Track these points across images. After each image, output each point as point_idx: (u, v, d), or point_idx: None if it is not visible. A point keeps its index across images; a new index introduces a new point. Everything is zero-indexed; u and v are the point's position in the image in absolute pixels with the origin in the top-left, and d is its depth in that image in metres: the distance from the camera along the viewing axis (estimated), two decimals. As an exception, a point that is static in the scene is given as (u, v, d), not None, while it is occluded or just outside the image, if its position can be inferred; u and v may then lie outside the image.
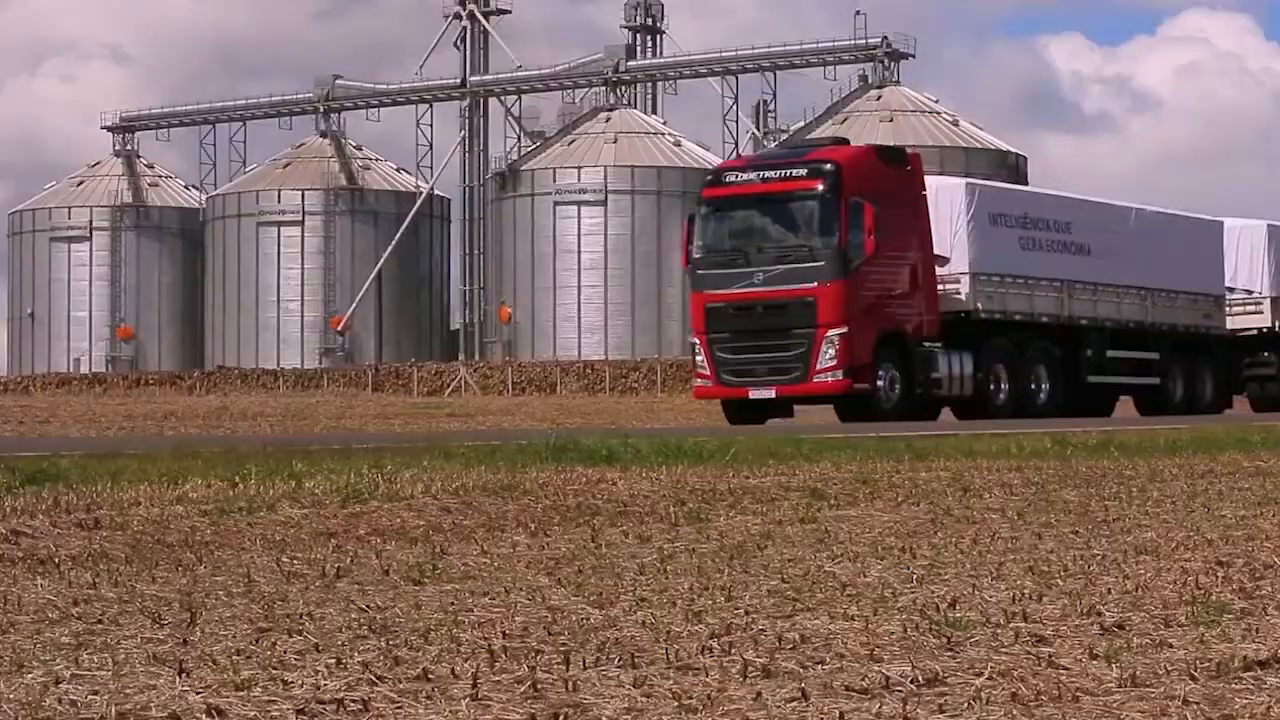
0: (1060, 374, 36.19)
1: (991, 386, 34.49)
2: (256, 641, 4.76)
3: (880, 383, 32.30)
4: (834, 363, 31.63)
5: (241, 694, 3.96)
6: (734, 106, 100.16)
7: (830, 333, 31.55)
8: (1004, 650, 4.55)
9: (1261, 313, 43.49)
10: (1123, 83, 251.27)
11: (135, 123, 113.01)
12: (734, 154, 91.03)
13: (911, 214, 32.83)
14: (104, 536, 7.83)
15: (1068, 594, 5.65)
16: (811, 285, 31.60)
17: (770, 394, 31.98)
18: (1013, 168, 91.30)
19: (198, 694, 3.93)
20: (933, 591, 5.76)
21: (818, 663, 4.35)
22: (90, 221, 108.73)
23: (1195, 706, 3.79)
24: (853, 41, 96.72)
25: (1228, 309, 42.03)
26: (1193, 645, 4.58)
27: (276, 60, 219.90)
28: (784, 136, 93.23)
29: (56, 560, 6.98)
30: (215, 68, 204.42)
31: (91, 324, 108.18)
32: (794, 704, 3.84)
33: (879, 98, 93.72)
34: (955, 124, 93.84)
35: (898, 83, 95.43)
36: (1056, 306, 36.42)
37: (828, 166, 31.74)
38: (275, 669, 4.29)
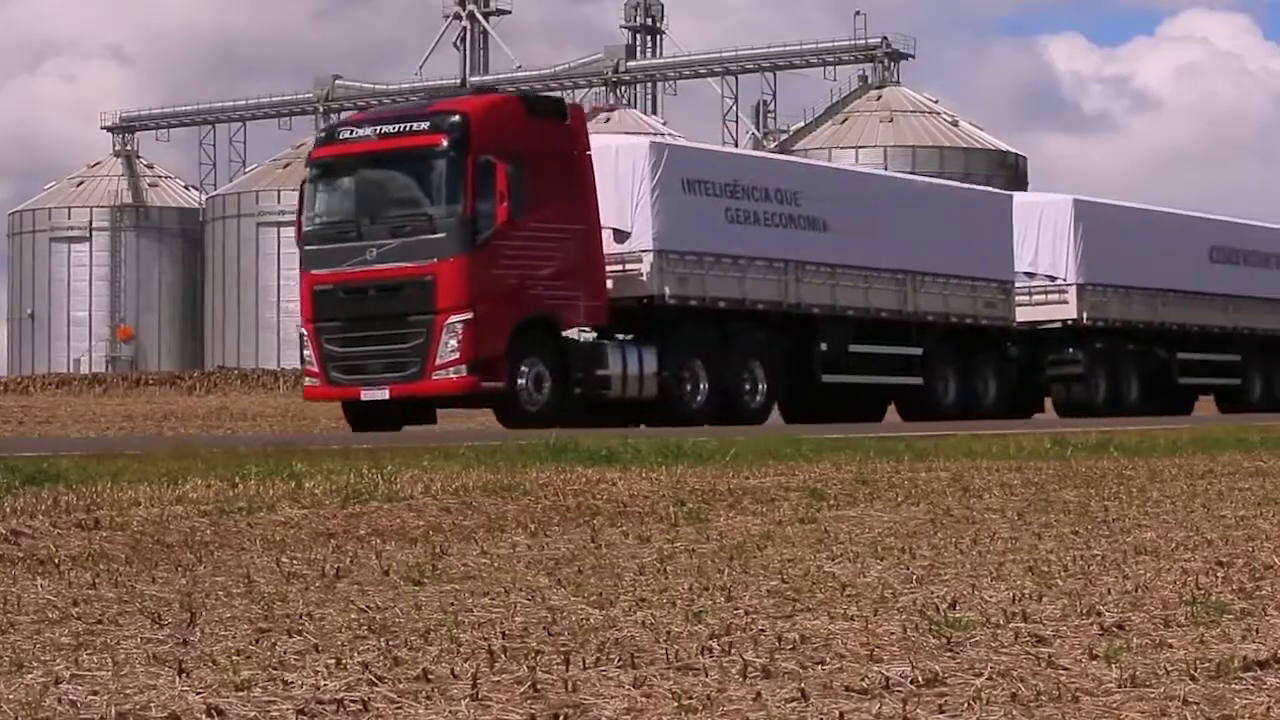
0: (786, 372, 30.91)
1: (687, 386, 29.05)
2: (256, 641, 4.76)
3: (521, 381, 26.77)
4: (455, 356, 26.27)
5: (241, 694, 3.96)
6: (734, 106, 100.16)
7: (451, 319, 26.24)
8: (1004, 650, 4.55)
9: (1066, 302, 37.18)
10: (1122, 83, 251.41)
11: (135, 123, 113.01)
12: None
13: (570, 177, 27.40)
14: (104, 536, 7.83)
15: (1068, 594, 5.65)
16: (430, 262, 26.32)
17: (384, 394, 26.69)
18: (1012, 168, 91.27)
19: (198, 694, 3.93)
20: (933, 591, 5.76)
21: (818, 663, 4.35)
22: (90, 221, 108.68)
23: (1195, 706, 3.79)
24: (853, 41, 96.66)
25: (1027, 297, 36.46)
26: (1193, 645, 4.58)
27: (276, 60, 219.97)
28: (784, 137, 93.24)
29: (56, 560, 6.98)
30: (215, 68, 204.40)
31: (91, 324, 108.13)
32: (794, 704, 3.84)
33: (879, 98, 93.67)
34: (955, 124, 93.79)
35: (898, 83, 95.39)
36: (777, 291, 30.78)
37: (453, 118, 26.57)
38: (275, 669, 4.29)
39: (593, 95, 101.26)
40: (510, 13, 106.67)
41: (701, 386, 29.30)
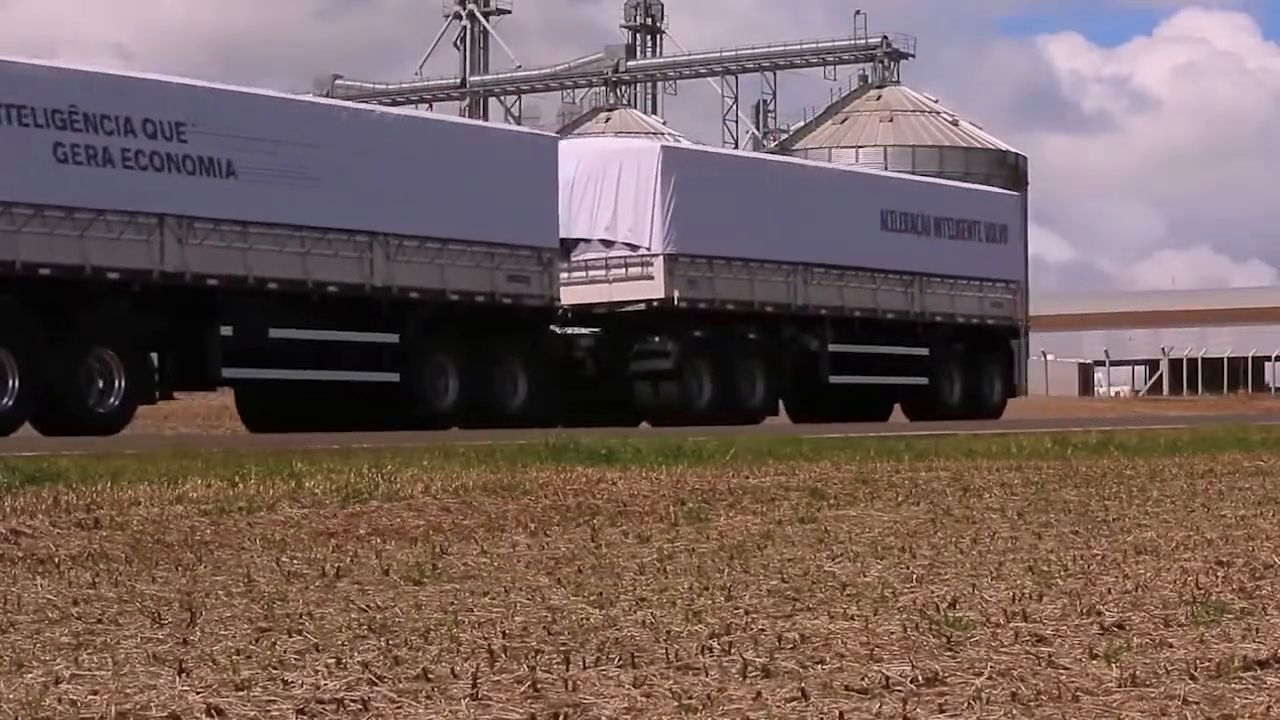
0: (173, 365, 24.00)
1: None
2: (256, 641, 4.76)
3: None
4: None
5: (241, 694, 3.96)
6: (734, 106, 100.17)
7: None
8: (1004, 650, 4.55)
9: (652, 278, 29.32)
10: (1121, 83, 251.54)
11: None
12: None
13: None
14: (104, 536, 7.83)
15: (1068, 594, 5.65)
16: None
17: None
18: (1013, 167, 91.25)
19: (198, 694, 3.93)
20: (933, 591, 5.76)
21: (818, 663, 4.35)
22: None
23: (1195, 706, 3.79)
24: (853, 41, 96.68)
25: (603, 272, 29.52)
26: (1193, 645, 4.58)
27: (277, 59, 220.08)
28: (784, 137, 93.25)
29: (56, 560, 6.97)
30: (216, 66, 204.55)
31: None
32: (794, 704, 3.84)
33: (879, 98, 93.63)
34: (955, 124, 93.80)
35: (898, 83, 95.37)
36: (146, 257, 23.38)
37: None
38: (275, 669, 4.28)
39: (593, 95, 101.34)
40: (510, 12, 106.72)
41: (10, 384, 22.35)
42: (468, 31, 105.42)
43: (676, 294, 29.40)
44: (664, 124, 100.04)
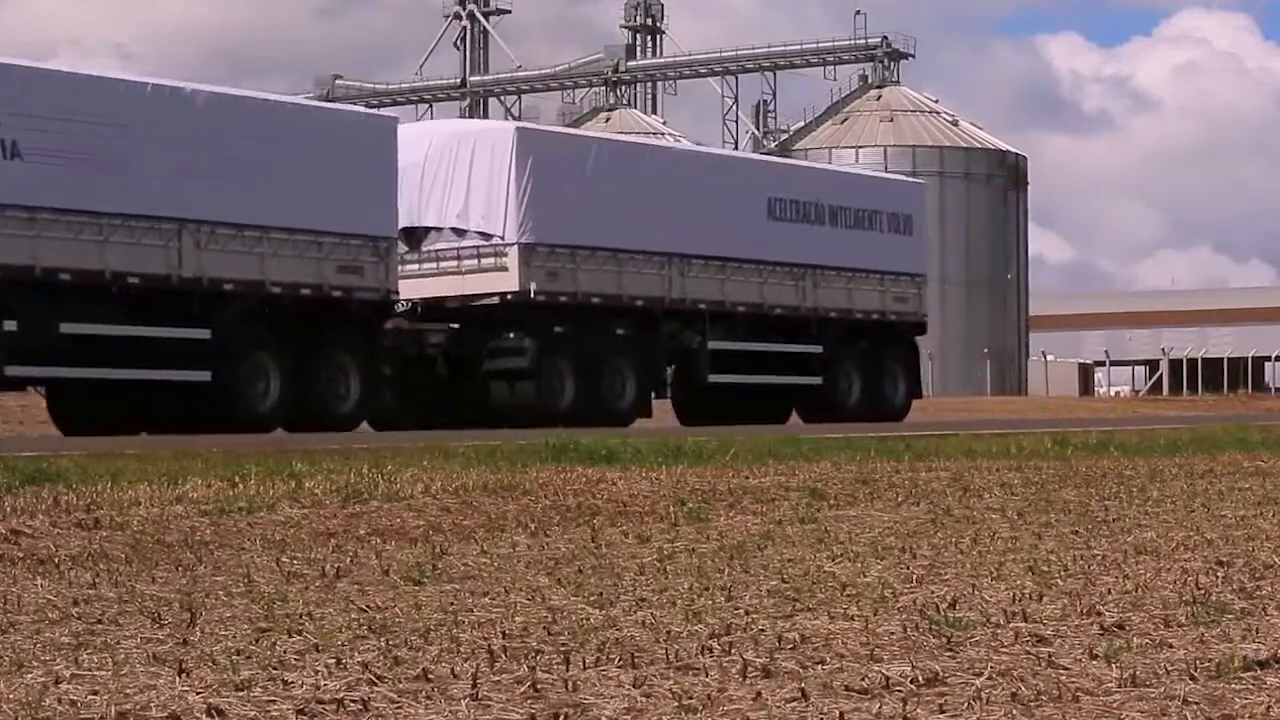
0: None
1: None
2: (256, 641, 4.76)
3: None
4: None
5: (241, 694, 3.96)
6: (734, 106, 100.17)
7: None
8: (1004, 650, 4.55)
9: (507, 270, 27.61)
10: (1121, 82, 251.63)
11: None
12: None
13: None
14: (104, 536, 7.83)
15: (1068, 594, 5.65)
16: None
17: None
18: (1013, 167, 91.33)
19: (198, 694, 3.93)
20: (933, 591, 5.76)
21: (818, 663, 4.35)
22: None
23: (1195, 706, 3.79)
24: (853, 41, 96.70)
25: (455, 263, 27.70)
26: (1193, 645, 4.58)
27: (277, 59, 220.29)
28: (784, 137, 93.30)
29: (56, 560, 6.97)
30: (216, 66, 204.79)
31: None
32: (794, 704, 3.84)
33: (879, 98, 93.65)
34: (955, 124, 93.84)
35: (898, 83, 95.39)
36: None
37: None
38: (275, 669, 4.28)
39: (593, 95, 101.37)
40: (510, 12, 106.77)
41: None
42: (468, 31, 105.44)
43: (533, 286, 27.60)
44: (664, 124, 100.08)
